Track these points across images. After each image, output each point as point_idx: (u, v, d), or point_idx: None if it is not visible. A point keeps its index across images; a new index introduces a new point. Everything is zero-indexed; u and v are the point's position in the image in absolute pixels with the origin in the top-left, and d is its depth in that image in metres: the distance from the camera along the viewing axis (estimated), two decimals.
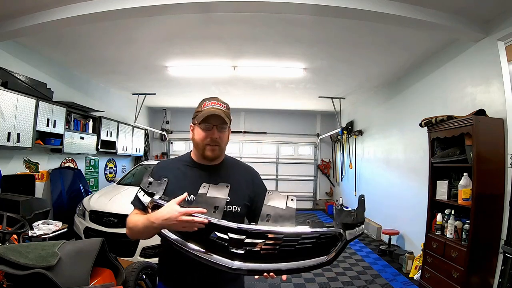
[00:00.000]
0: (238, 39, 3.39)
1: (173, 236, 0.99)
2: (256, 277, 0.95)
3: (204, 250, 0.96)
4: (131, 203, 1.17)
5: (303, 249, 0.95)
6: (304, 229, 0.93)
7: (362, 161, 6.18)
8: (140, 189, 1.10)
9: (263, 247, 0.93)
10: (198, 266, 0.99)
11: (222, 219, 0.97)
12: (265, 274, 0.93)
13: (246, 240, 0.93)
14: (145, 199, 1.05)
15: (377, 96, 5.39)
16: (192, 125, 1.19)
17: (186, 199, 1.11)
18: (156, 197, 1.03)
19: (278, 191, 1.05)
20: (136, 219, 1.06)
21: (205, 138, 1.12)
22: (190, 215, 0.93)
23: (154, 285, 2.26)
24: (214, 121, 1.11)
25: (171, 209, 0.95)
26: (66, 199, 4.30)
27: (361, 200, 0.97)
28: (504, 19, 2.47)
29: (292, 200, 1.02)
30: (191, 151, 1.24)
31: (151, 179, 1.07)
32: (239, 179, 1.19)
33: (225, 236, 0.94)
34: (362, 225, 0.97)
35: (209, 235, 0.96)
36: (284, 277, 0.95)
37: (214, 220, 0.94)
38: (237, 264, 0.94)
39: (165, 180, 1.08)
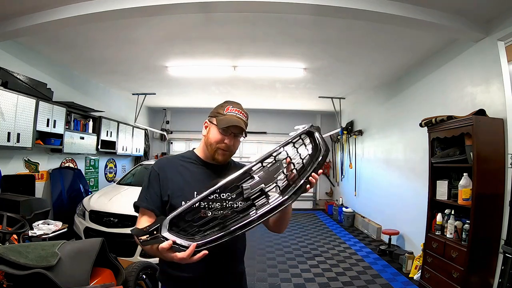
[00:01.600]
0: (238, 39, 3.39)
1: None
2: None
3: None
4: (135, 204, 1.11)
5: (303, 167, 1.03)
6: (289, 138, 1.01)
7: (362, 161, 6.18)
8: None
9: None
10: (203, 264, 0.96)
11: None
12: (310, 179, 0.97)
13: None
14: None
15: (377, 96, 5.39)
16: (208, 122, 1.16)
17: (196, 196, 1.09)
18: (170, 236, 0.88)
19: None
20: None
21: (220, 141, 1.10)
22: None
23: (154, 285, 2.26)
24: (234, 130, 1.10)
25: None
26: (66, 199, 4.30)
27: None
28: (504, 19, 2.47)
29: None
30: (193, 149, 1.23)
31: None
32: None
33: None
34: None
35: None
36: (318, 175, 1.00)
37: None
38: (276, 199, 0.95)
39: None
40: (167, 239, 0.85)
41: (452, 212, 2.64)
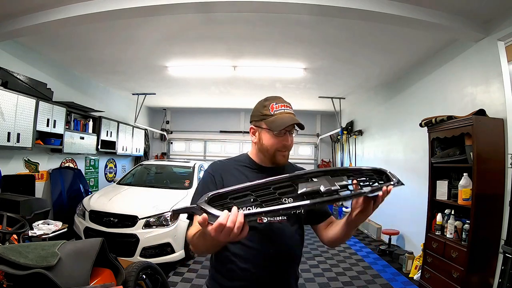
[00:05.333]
0: (238, 39, 3.39)
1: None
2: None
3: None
4: (188, 217, 1.02)
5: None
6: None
7: (362, 161, 6.17)
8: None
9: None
10: (259, 276, 0.96)
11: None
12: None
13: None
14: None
15: (377, 96, 5.39)
16: (256, 127, 1.09)
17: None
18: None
19: None
20: (197, 233, 0.89)
21: (277, 144, 1.05)
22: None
23: (154, 285, 2.26)
24: (288, 128, 1.05)
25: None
26: (66, 199, 4.30)
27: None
28: (504, 19, 2.47)
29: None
30: (247, 152, 1.17)
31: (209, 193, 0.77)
32: None
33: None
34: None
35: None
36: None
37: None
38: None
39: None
40: (203, 209, 0.72)
41: (452, 212, 2.64)
